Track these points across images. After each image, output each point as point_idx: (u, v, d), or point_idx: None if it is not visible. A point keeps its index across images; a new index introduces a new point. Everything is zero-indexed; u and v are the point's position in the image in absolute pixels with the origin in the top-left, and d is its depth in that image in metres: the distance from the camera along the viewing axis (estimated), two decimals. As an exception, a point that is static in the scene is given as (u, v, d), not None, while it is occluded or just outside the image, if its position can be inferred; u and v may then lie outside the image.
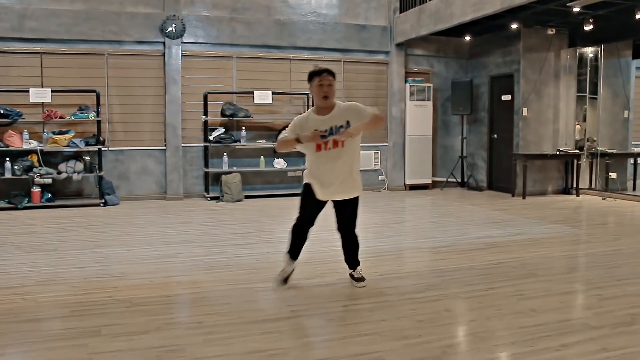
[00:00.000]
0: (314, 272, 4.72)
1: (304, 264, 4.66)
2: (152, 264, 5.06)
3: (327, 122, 4.04)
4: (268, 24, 9.79)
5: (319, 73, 4.05)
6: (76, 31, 8.90)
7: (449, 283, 4.36)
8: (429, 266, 4.89)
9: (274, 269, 4.72)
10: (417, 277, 4.54)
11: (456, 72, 11.04)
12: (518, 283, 4.34)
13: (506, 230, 6.53)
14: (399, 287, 4.27)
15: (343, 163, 4.07)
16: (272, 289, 4.25)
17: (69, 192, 9.08)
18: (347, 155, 4.09)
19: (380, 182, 10.68)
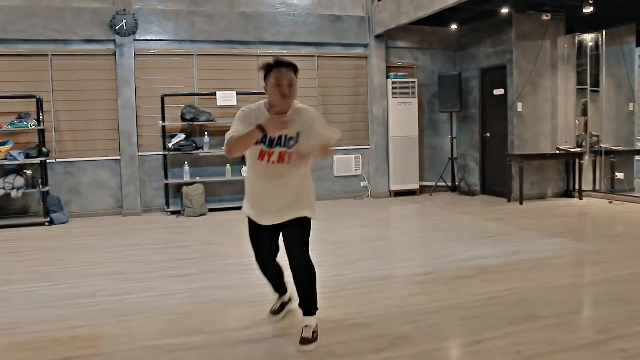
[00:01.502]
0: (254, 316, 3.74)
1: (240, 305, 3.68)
2: (58, 308, 4.08)
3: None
4: (231, 17, 8.82)
5: (277, 66, 3.08)
6: (14, 29, 7.94)
7: (423, 334, 3.34)
8: (401, 305, 3.87)
9: (201, 314, 3.79)
10: (382, 325, 3.52)
11: (443, 65, 10.05)
12: (514, 331, 3.32)
13: (501, 248, 5.51)
14: (354, 343, 3.27)
15: (287, 185, 3.19)
16: (185, 346, 3.28)
17: (13, 209, 8.11)
18: (292, 175, 3.20)
19: (363, 188, 9.69)
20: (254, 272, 4.74)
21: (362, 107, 9.64)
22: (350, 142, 9.61)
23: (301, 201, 3.26)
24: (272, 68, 3.09)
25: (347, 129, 9.57)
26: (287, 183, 3.19)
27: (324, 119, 9.42)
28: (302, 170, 3.25)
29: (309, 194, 3.34)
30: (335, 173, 9.54)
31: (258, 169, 3.20)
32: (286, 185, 3.19)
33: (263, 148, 3.13)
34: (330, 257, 5.36)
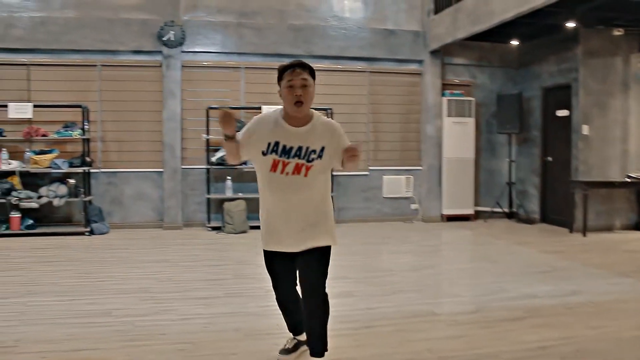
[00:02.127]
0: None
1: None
2: (69, 326, 3.85)
3: (298, 138, 2.85)
4: (281, 30, 8.60)
5: (291, 67, 2.82)
6: (66, 40, 7.99)
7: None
8: (436, 350, 3.38)
9: (214, 344, 3.46)
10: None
11: (503, 83, 9.45)
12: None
13: (557, 287, 4.90)
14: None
15: (305, 202, 2.88)
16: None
17: (56, 218, 8.10)
18: (311, 189, 2.88)
19: (413, 211, 9.18)
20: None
21: (415, 126, 9.17)
22: (401, 163, 9.14)
23: (320, 225, 2.92)
24: (285, 70, 2.84)
25: (398, 148, 9.12)
26: (305, 199, 2.87)
27: (374, 137, 9.04)
28: (322, 186, 2.92)
29: (329, 217, 2.99)
30: (384, 194, 9.08)
31: (272, 183, 2.88)
32: (304, 202, 2.87)
33: (276, 158, 2.83)
34: (365, 287, 4.94)
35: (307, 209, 2.88)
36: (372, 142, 9.01)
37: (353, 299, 4.55)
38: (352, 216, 8.94)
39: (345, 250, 6.72)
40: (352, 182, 8.93)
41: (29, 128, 7.71)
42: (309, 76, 2.82)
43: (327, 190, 2.98)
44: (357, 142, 2.83)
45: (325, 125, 2.91)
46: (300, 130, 2.85)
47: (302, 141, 2.84)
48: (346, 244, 7.11)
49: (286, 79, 2.81)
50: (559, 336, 3.63)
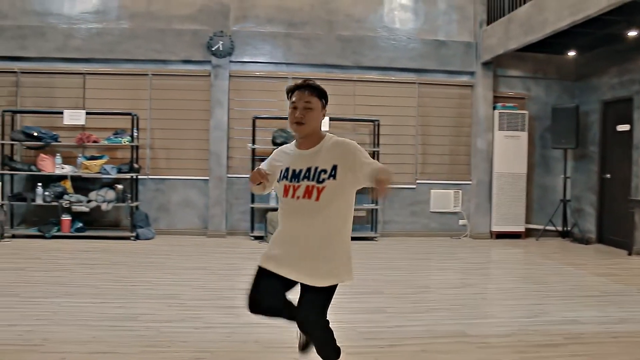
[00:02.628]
0: None
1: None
2: (95, 329, 3.89)
3: (306, 160, 2.71)
4: (329, 41, 8.56)
5: (298, 89, 2.73)
6: (120, 50, 8.26)
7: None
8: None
9: (232, 355, 3.42)
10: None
11: (559, 96, 9.04)
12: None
13: (605, 313, 4.57)
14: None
15: (315, 226, 2.65)
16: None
17: (105, 222, 8.33)
18: (324, 216, 2.65)
19: (461, 227, 8.88)
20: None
21: (465, 140, 8.90)
22: (450, 177, 8.89)
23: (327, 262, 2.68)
24: (295, 90, 2.76)
25: (447, 162, 8.88)
26: (314, 227, 2.66)
27: (422, 150, 8.78)
28: (337, 215, 2.70)
29: (340, 253, 2.74)
30: (431, 208, 8.84)
31: (285, 209, 2.77)
32: (313, 227, 2.66)
33: (287, 183, 2.73)
34: (398, 304, 4.76)
35: (315, 233, 2.67)
36: (420, 155, 8.81)
37: (383, 316, 4.40)
38: (397, 230, 8.74)
39: (385, 265, 6.57)
40: (399, 196, 8.74)
41: (81, 134, 7.97)
42: (314, 99, 2.72)
43: (344, 221, 2.75)
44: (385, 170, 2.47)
45: (337, 143, 2.74)
46: (309, 151, 2.74)
47: (310, 162, 2.70)
48: (387, 259, 6.95)
49: (292, 99, 2.75)
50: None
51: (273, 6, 8.54)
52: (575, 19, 6.16)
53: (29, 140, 7.90)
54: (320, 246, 2.67)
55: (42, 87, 8.28)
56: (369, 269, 6.29)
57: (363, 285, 5.48)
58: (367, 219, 8.73)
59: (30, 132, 7.88)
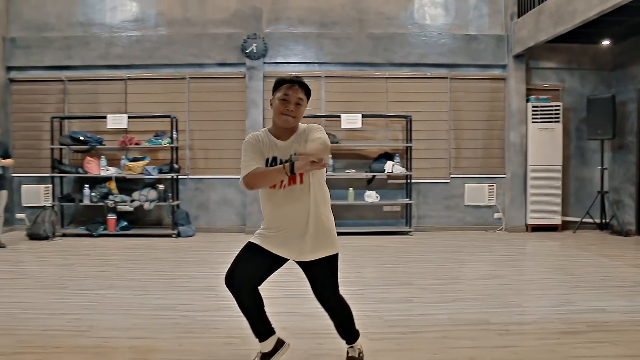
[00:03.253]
0: (306, 348, 3.45)
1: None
2: (135, 317, 4.18)
3: (287, 150, 2.90)
4: (360, 39, 8.70)
5: (290, 82, 2.88)
6: (159, 55, 8.62)
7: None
8: (476, 359, 3.32)
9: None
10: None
11: (595, 87, 8.92)
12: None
13: (634, 302, 4.56)
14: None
15: (303, 206, 2.88)
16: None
17: (148, 220, 8.72)
18: (308, 194, 2.88)
19: (496, 220, 8.88)
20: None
21: (498, 133, 8.89)
22: (483, 171, 8.90)
23: (323, 234, 2.93)
24: (285, 83, 2.89)
25: (480, 156, 8.89)
26: (304, 208, 2.88)
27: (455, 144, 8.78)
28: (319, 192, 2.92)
29: (331, 225, 2.99)
30: (466, 202, 8.87)
31: (275, 200, 2.91)
32: (304, 210, 2.88)
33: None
34: (426, 294, 4.88)
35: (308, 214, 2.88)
36: (454, 149, 8.85)
37: (409, 305, 4.52)
38: (432, 224, 8.81)
39: (417, 258, 6.67)
40: (433, 190, 8.82)
41: (124, 137, 8.37)
42: (304, 96, 2.89)
43: (324, 195, 2.97)
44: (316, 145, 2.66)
45: (305, 129, 2.94)
46: (288, 141, 2.91)
47: (290, 150, 2.89)
48: (419, 252, 7.05)
49: (282, 91, 2.86)
50: (617, 353, 3.39)
51: (304, 7, 8.74)
52: (604, 7, 6.11)
53: (76, 144, 8.35)
54: (315, 219, 2.89)
55: (87, 93, 8.73)
56: (400, 262, 6.42)
57: (393, 277, 5.64)
58: (402, 214, 8.84)
59: (77, 136, 8.33)
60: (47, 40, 8.63)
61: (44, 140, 8.64)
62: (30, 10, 8.71)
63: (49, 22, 8.70)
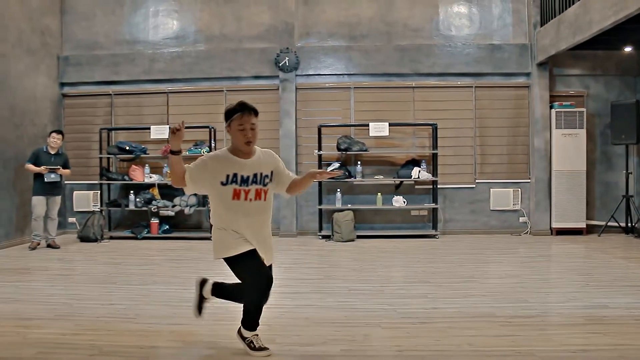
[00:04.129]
0: (323, 334, 3.88)
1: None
2: (176, 307, 4.69)
3: (250, 168, 3.38)
4: (388, 51, 9.11)
5: (240, 110, 3.36)
6: (198, 70, 9.22)
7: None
8: (477, 345, 3.65)
9: (285, 327, 4.06)
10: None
11: (620, 92, 9.07)
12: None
13: (638, 300, 4.79)
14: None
15: (263, 221, 3.47)
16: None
17: (188, 224, 9.31)
18: (267, 211, 3.48)
19: (521, 224, 9.12)
20: (357, 296, 4.97)
21: (523, 139, 9.14)
22: (509, 176, 9.16)
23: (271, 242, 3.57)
24: (236, 112, 3.34)
25: (505, 161, 9.16)
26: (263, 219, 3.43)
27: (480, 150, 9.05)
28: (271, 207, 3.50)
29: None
30: (491, 207, 9.15)
31: (237, 210, 3.34)
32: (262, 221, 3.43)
33: (236, 187, 3.32)
34: (440, 291, 5.24)
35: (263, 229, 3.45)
36: (479, 155, 9.14)
37: (423, 300, 4.90)
38: (458, 228, 9.12)
39: (440, 259, 7.02)
40: (459, 195, 9.13)
41: (166, 147, 8.98)
42: (255, 119, 3.39)
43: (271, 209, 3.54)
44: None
45: (267, 153, 3.53)
46: (251, 160, 3.39)
47: (256, 169, 3.37)
48: (443, 254, 7.38)
49: (237, 121, 3.33)
50: (608, 343, 3.69)
51: (334, 22, 9.21)
52: (618, 17, 6.35)
53: (122, 153, 9.02)
54: (269, 234, 3.52)
55: (132, 106, 9.42)
56: (422, 262, 6.78)
57: (413, 276, 6.02)
58: (428, 218, 9.17)
59: (123, 146, 8.99)
60: (96, 57, 9.35)
61: (93, 150, 9.36)
62: (82, 31, 9.46)
63: (98, 40, 9.43)
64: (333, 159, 9.14)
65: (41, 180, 7.77)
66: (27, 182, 8.10)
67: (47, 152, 7.88)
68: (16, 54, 8.29)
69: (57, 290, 5.46)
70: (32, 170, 7.76)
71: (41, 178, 7.77)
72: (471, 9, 9.19)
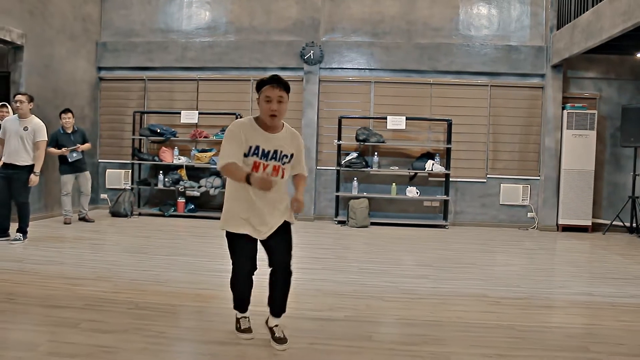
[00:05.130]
0: (331, 302, 4.40)
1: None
2: (200, 275, 5.26)
3: (272, 143, 3.27)
4: (408, 48, 9.53)
5: (270, 83, 3.23)
6: (227, 59, 9.75)
7: (459, 340, 3.66)
8: (465, 318, 4.14)
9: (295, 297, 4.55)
10: (430, 328, 3.89)
11: (633, 97, 9.37)
12: (548, 356, 3.45)
13: (620, 290, 5.19)
14: (395, 336, 3.74)
15: (276, 195, 3.33)
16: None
17: (213, 205, 9.89)
18: (283, 185, 3.42)
19: (529, 219, 9.52)
20: (365, 274, 5.48)
21: (534, 138, 9.51)
22: (519, 172, 9.54)
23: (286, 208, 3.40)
24: (266, 84, 3.23)
25: (516, 158, 9.54)
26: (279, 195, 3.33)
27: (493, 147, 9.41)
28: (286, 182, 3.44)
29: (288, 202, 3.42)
30: (501, 201, 9.55)
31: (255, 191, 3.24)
32: (278, 196, 3.33)
33: (257, 160, 3.23)
34: (442, 273, 5.71)
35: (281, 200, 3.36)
36: (491, 151, 9.54)
37: (424, 280, 5.38)
38: (468, 220, 9.55)
39: (447, 247, 7.47)
40: (470, 188, 9.55)
41: (195, 131, 9.56)
42: (284, 93, 3.21)
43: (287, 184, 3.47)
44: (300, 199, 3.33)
45: (294, 135, 3.39)
46: (276, 135, 3.26)
47: (277, 146, 3.24)
48: (450, 243, 7.83)
49: (265, 92, 3.20)
50: (582, 322, 4.16)
51: (358, 19, 9.66)
52: (626, 25, 6.68)
53: (153, 135, 9.61)
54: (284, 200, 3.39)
55: (164, 91, 10.00)
56: (429, 249, 7.25)
57: (418, 260, 6.49)
58: (440, 209, 9.62)
59: (155, 129, 9.58)
60: (132, 44, 9.94)
61: (126, 132, 9.98)
62: (120, 19, 10.06)
63: (135, 28, 10.02)
64: (352, 149, 9.61)
65: (66, 161, 8.25)
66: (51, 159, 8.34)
67: (64, 133, 8.23)
68: (60, 39, 8.92)
69: (95, 256, 6.07)
70: (54, 153, 8.13)
71: (65, 159, 8.24)
72: (490, 10, 9.55)
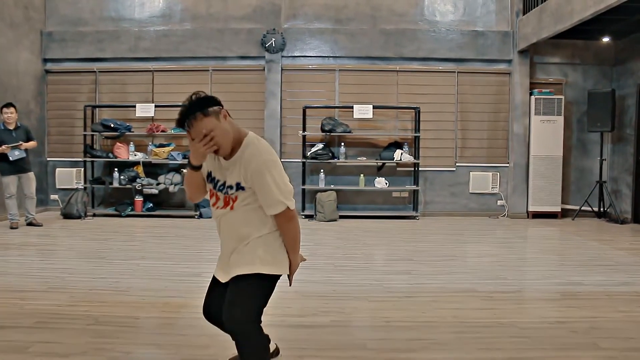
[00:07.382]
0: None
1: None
2: (166, 281, 4.81)
3: (221, 171, 2.54)
4: (373, 35, 9.21)
5: (181, 126, 2.43)
6: (184, 49, 9.22)
7: (462, 343, 3.37)
8: (460, 316, 3.87)
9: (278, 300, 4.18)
10: (426, 330, 3.60)
11: (597, 81, 9.34)
12: (560, 356, 3.19)
13: (611, 278, 5.06)
14: (390, 342, 3.41)
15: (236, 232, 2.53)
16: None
17: (172, 203, 9.37)
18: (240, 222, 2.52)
19: (499, 207, 9.39)
20: (343, 272, 5.14)
21: (503, 125, 9.36)
22: (488, 160, 9.39)
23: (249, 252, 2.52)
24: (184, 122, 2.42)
25: (485, 146, 9.38)
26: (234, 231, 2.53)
27: (461, 134, 9.14)
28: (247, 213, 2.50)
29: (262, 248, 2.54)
30: (470, 190, 9.38)
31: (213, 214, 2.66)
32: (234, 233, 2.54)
33: (211, 188, 2.62)
34: (424, 268, 5.44)
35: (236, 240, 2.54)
36: (460, 139, 9.35)
37: (408, 276, 5.09)
38: (438, 210, 9.34)
39: (421, 238, 7.23)
40: (439, 177, 9.33)
41: (151, 125, 9.01)
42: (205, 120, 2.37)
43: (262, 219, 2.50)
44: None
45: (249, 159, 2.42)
46: (224, 163, 2.52)
47: (224, 176, 2.53)
48: (424, 234, 7.60)
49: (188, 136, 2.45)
50: (582, 315, 3.93)
51: (320, 4, 9.28)
52: (598, 8, 6.54)
53: (107, 130, 9.01)
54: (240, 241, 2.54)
55: (117, 84, 9.39)
56: (404, 242, 6.98)
57: (396, 254, 6.21)
58: (409, 200, 9.38)
59: (108, 123, 8.98)
60: (81, 34, 9.28)
61: (76, 127, 9.31)
62: (66, 6, 9.37)
63: (83, 17, 9.35)
64: (317, 140, 9.25)
65: (7, 159, 7.37)
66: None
67: (5, 130, 7.41)
68: (-1, 28, 8.21)
69: (46, 264, 5.54)
70: None
71: (6, 157, 7.36)
72: (456, -5, 9.34)
